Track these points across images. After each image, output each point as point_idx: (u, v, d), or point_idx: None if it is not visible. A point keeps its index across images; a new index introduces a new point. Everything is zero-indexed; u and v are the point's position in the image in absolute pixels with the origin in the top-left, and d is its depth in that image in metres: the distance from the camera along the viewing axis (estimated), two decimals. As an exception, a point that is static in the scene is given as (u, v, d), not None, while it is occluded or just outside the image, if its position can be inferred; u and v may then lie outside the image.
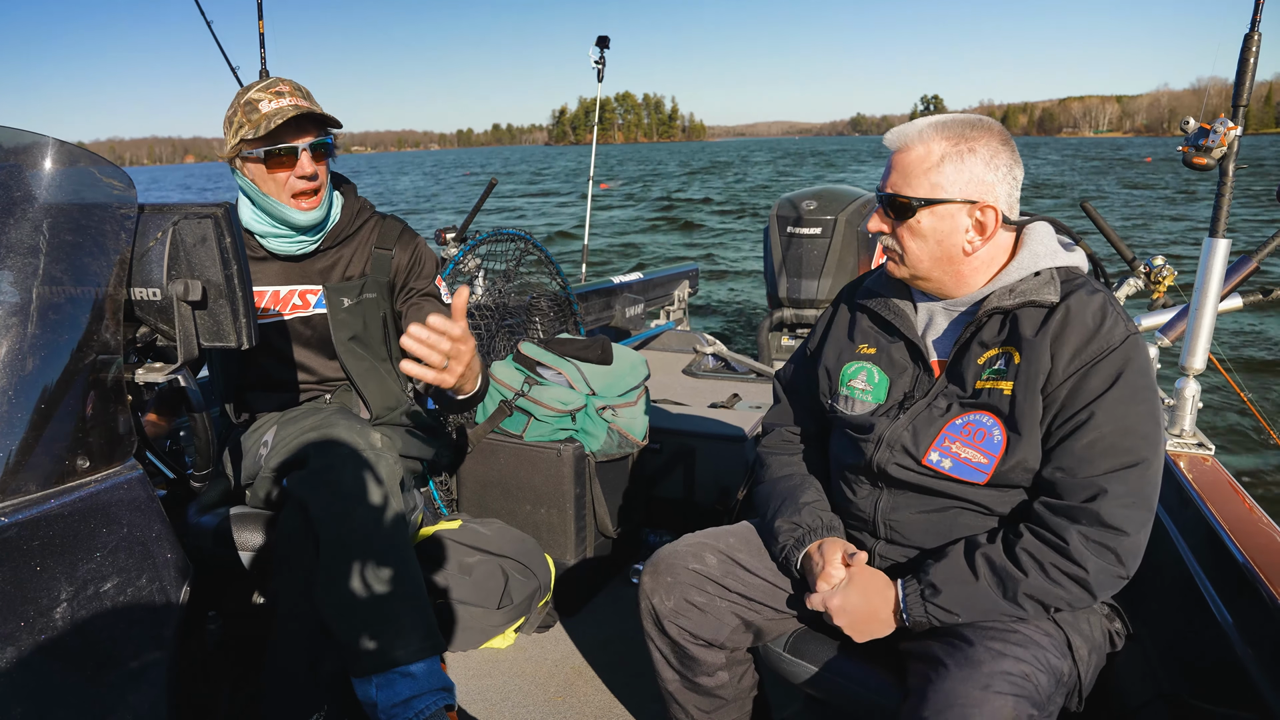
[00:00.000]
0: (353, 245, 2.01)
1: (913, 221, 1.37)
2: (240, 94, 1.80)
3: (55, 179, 1.16)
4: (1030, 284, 1.35)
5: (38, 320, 1.09)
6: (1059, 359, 1.29)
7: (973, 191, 1.34)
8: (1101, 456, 1.25)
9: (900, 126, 1.40)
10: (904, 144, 1.38)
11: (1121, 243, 2.84)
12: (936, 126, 1.36)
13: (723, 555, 1.55)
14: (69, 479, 1.10)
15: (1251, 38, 1.92)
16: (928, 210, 1.35)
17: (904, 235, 1.39)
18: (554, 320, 3.50)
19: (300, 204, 1.84)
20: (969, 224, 1.35)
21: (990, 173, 1.34)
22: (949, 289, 1.42)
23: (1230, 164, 2.00)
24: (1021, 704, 1.16)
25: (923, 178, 1.35)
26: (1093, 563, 1.24)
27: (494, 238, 3.22)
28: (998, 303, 1.35)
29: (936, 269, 1.39)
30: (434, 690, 1.67)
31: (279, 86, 1.79)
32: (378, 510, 1.69)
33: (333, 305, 1.97)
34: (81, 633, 1.06)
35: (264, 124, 1.74)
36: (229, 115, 1.80)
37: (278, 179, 1.81)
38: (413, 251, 2.05)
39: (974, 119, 1.38)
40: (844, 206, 4.73)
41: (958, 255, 1.37)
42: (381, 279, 2.02)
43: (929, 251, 1.38)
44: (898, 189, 1.37)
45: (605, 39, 5.93)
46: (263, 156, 1.78)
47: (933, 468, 1.37)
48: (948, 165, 1.34)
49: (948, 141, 1.34)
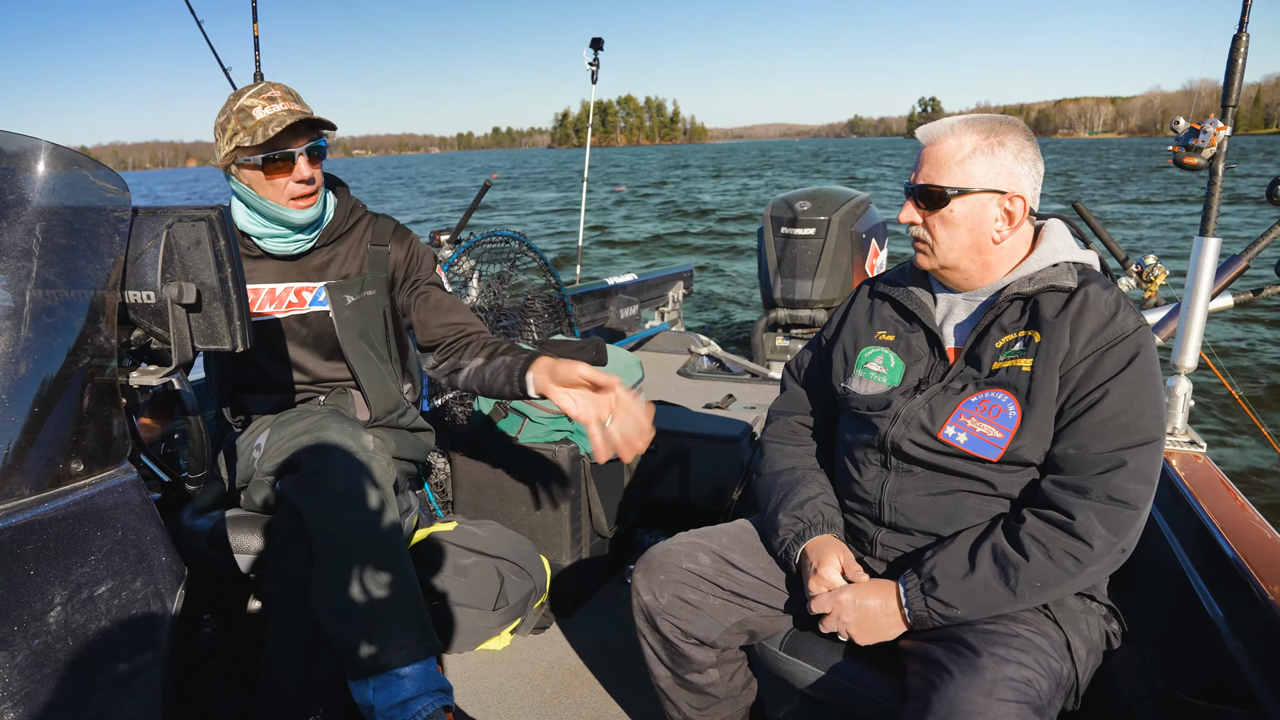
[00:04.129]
0: (348, 242, 2.01)
1: (945, 211, 1.42)
2: (231, 100, 1.79)
3: (49, 182, 1.15)
4: (1049, 273, 1.41)
5: (31, 323, 1.08)
6: (1077, 340, 1.34)
7: (1002, 182, 1.40)
8: (1114, 434, 1.29)
9: (932, 123, 1.47)
10: (936, 138, 1.44)
11: (1114, 242, 2.86)
12: (967, 122, 1.43)
13: (715, 554, 1.56)
14: (63, 482, 1.09)
15: (1240, 39, 1.93)
16: (960, 199, 1.41)
17: (935, 225, 1.44)
18: (549, 321, 3.51)
19: (298, 205, 1.85)
20: (998, 213, 1.42)
21: (1018, 165, 1.41)
22: (974, 279, 1.47)
23: (1220, 164, 2.02)
24: (1025, 710, 1.16)
25: (956, 169, 1.41)
26: (1099, 537, 1.26)
27: (488, 239, 3.22)
28: (1018, 290, 1.41)
29: (965, 258, 1.45)
30: (431, 691, 1.67)
31: (271, 91, 1.78)
32: (371, 512, 1.69)
33: (336, 303, 1.97)
34: (75, 637, 1.06)
35: (260, 131, 1.74)
36: (220, 122, 1.79)
37: (276, 184, 1.81)
38: (409, 247, 2.06)
39: (1001, 116, 1.45)
40: (837, 207, 4.74)
41: (986, 244, 1.43)
42: (380, 275, 2.02)
43: (959, 240, 1.43)
44: (931, 179, 1.43)
45: (599, 41, 5.93)
46: (260, 163, 1.78)
47: (948, 442, 1.39)
48: (979, 157, 1.40)
49: (979, 135, 1.41)
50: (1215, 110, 2.01)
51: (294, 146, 1.79)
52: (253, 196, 1.82)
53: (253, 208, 1.85)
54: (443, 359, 2.02)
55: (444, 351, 2.01)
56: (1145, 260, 2.77)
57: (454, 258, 3.18)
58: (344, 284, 1.98)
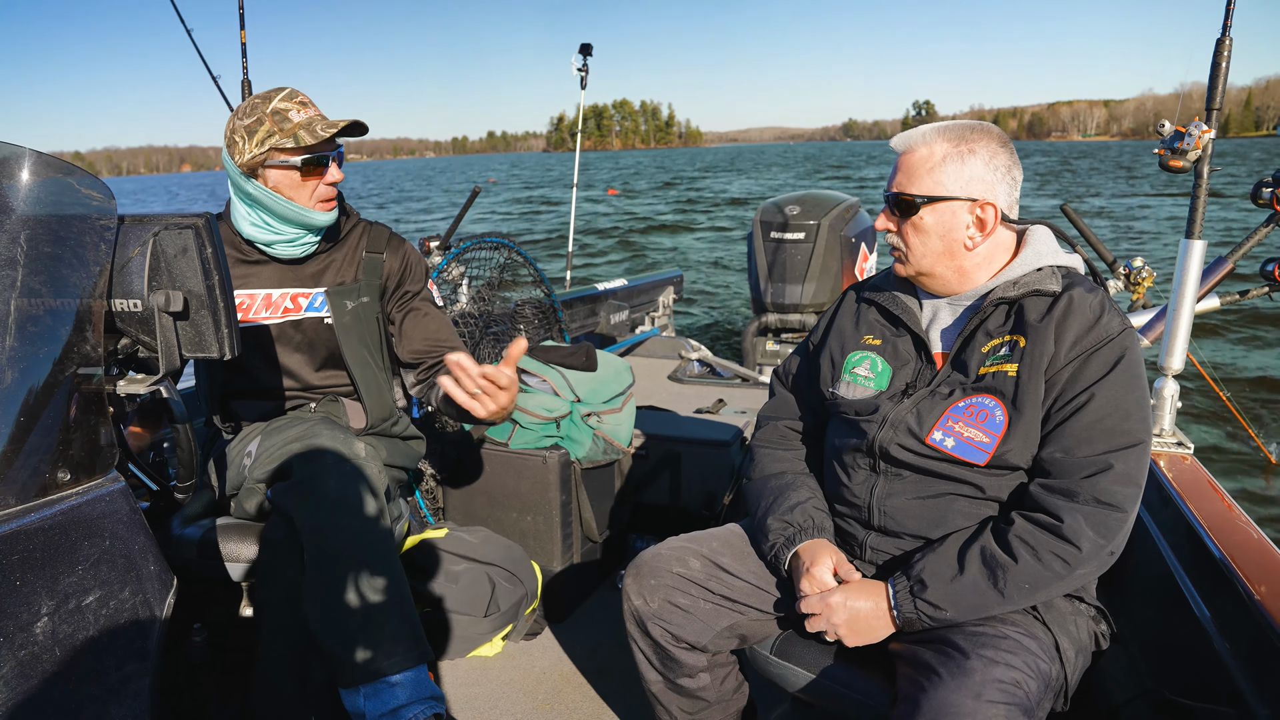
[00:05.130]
0: (344, 249, 2.02)
1: (916, 218, 1.44)
2: (260, 104, 1.81)
3: (33, 190, 1.15)
4: (1033, 277, 1.42)
5: (16, 333, 1.08)
6: (1062, 344, 1.34)
7: (974, 190, 1.41)
8: (1101, 437, 1.30)
9: (906, 132, 1.49)
10: (909, 147, 1.46)
11: (1101, 245, 2.88)
12: (939, 130, 1.44)
13: (706, 559, 1.56)
14: (49, 492, 1.09)
15: (1223, 42, 1.95)
16: (930, 207, 1.42)
17: (908, 232, 1.46)
18: (539, 327, 3.50)
19: (323, 206, 1.90)
20: (970, 220, 1.42)
21: (990, 172, 1.41)
22: (952, 285, 1.48)
23: (1205, 166, 2.03)
24: (1013, 712, 1.17)
25: (926, 177, 1.42)
26: (1087, 540, 1.27)
27: (478, 245, 3.22)
28: (1002, 294, 1.42)
29: (939, 264, 1.46)
30: (423, 699, 1.67)
31: (299, 97, 1.83)
32: (362, 519, 1.69)
33: (337, 309, 1.98)
34: (63, 648, 1.05)
35: (302, 133, 1.78)
36: (247, 125, 1.79)
37: (308, 186, 1.85)
38: (403, 256, 2.07)
39: (974, 124, 1.46)
40: (827, 211, 4.76)
41: (959, 250, 1.44)
42: (374, 282, 2.03)
43: (932, 247, 1.44)
44: (903, 188, 1.45)
45: (588, 46, 5.94)
46: (300, 165, 1.81)
47: (936, 447, 1.40)
48: (950, 165, 1.41)
49: (949, 143, 1.42)
50: (1201, 113, 2.03)
51: (327, 151, 1.84)
52: (274, 199, 1.83)
53: (270, 210, 1.85)
54: (421, 378, 2.04)
55: (424, 371, 2.03)
56: (1133, 263, 2.79)
57: (444, 264, 3.18)
58: (343, 290, 1.99)
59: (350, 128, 1.85)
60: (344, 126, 1.82)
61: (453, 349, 2.02)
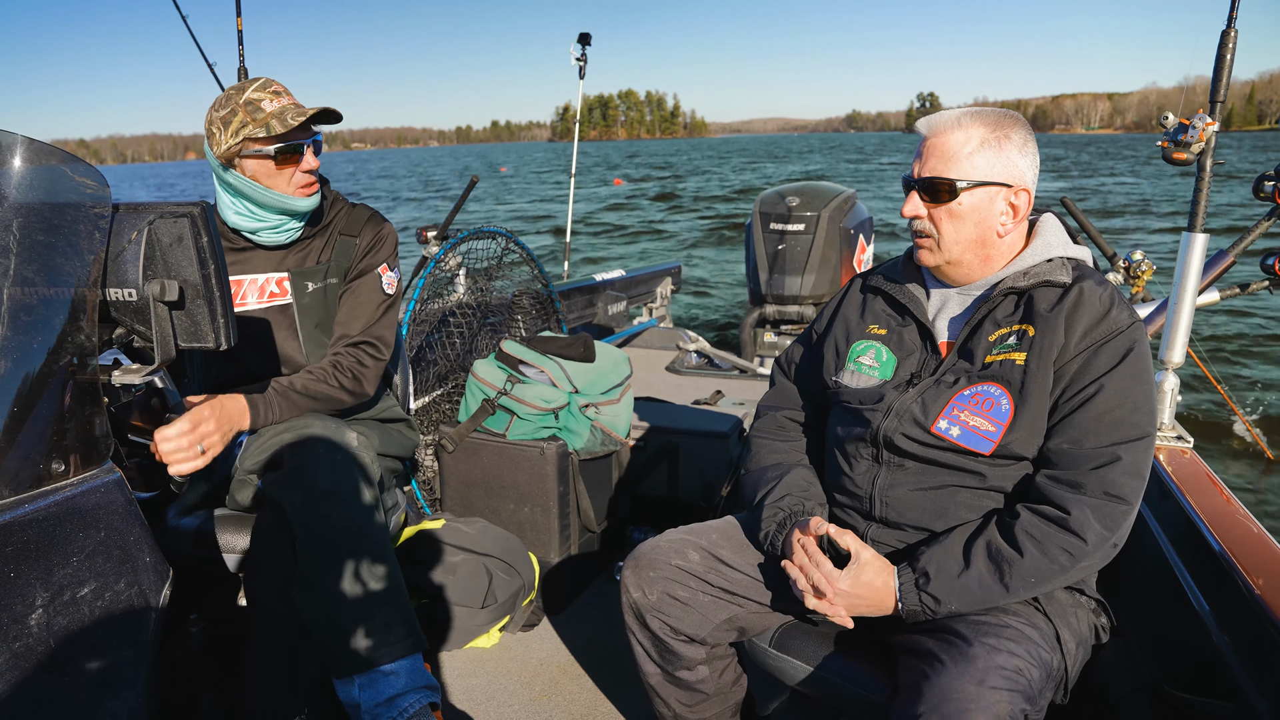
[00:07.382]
0: (325, 234, 2.02)
1: (954, 204, 1.41)
2: (234, 94, 1.80)
3: (26, 178, 1.14)
4: (1044, 268, 1.41)
5: (9, 322, 1.07)
6: (1071, 335, 1.34)
7: (1009, 175, 1.40)
8: (1109, 429, 1.30)
9: (934, 115, 1.45)
10: (941, 129, 1.43)
11: (1101, 238, 2.87)
12: (973, 115, 1.42)
13: (705, 551, 1.56)
14: (43, 483, 1.08)
15: (1228, 34, 1.94)
16: (969, 192, 1.40)
17: (941, 218, 1.43)
18: (536, 318, 3.49)
19: (303, 192, 1.89)
20: (1004, 207, 1.42)
21: (1023, 159, 1.41)
22: (973, 273, 1.47)
23: (1208, 159, 2.02)
24: (1016, 698, 1.17)
25: (964, 161, 1.40)
26: (1093, 532, 1.27)
27: (475, 235, 3.20)
28: (1012, 284, 1.41)
29: (969, 252, 1.44)
30: (418, 689, 1.67)
31: (273, 86, 1.83)
32: (354, 509, 1.68)
33: (297, 290, 1.97)
34: (58, 639, 1.04)
35: (274, 123, 1.77)
36: (222, 116, 1.80)
37: (284, 174, 1.85)
38: (373, 234, 2.03)
39: (1004, 110, 1.44)
40: (826, 202, 4.74)
41: (991, 238, 1.43)
42: (344, 264, 2.01)
43: (965, 234, 1.43)
44: (938, 172, 1.42)
45: (587, 36, 5.91)
46: (273, 154, 1.81)
47: (941, 435, 1.39)
48: (987, 150, 1.40)
49: (986, 128, 1.40)
50: (1206, 106, 2.02)
51: (301, 139, 1.84)
52: (253, 188, 1.82)
53: (251, 199, 1.85)
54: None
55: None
56: (1133, 256, 2.78)
57: (440, 254, 3.17)
58: (306, 271, 1.98)
59: (321, 115, 1.84)
60: (314, 114, 1.82)
61: (345, 335, 1.98)
